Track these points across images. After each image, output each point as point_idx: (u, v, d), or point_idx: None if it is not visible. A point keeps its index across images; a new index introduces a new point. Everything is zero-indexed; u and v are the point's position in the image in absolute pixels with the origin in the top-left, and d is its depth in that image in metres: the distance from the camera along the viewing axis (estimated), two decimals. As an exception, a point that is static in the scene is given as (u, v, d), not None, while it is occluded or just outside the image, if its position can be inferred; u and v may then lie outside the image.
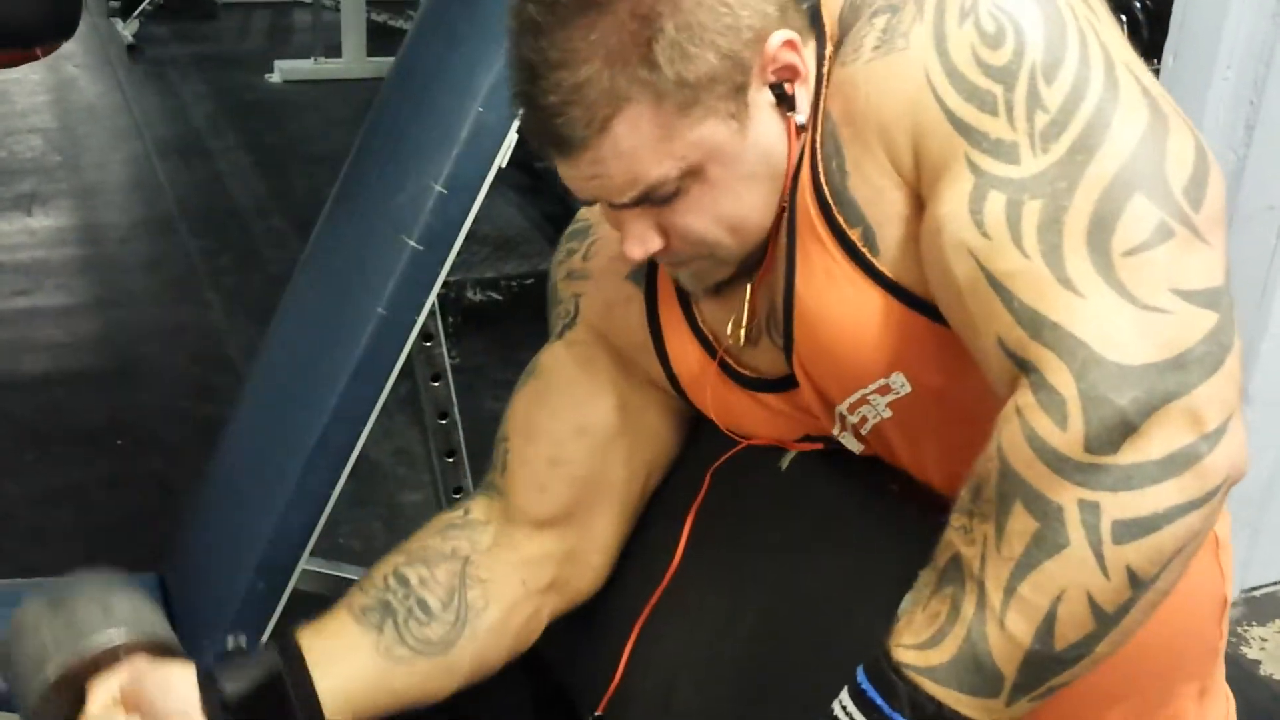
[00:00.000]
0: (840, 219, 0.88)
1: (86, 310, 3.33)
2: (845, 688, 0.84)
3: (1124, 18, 2.17)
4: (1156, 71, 1.93)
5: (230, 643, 1.01)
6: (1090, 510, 0.75)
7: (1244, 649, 2.14)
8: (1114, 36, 0.83)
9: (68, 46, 6.00)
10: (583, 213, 1.17)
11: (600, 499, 1.12)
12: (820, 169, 0.90)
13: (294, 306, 1.77)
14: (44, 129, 4.71)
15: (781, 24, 0.91)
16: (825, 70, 0.91)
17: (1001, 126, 0.80)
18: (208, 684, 0.98)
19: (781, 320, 0.96)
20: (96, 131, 4.80)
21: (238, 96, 5.19)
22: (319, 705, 1.01)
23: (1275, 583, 2.27)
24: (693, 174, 0.90)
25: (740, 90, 0.89)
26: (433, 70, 1.57)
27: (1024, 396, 0.77)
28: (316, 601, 1.84)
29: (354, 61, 5.34)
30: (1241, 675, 2.06)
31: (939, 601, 0.81)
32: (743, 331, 1.01)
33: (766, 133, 0.91)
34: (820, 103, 0.91)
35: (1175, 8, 1.92)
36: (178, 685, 0.98)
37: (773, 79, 0.91)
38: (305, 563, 1.57)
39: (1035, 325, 0.77)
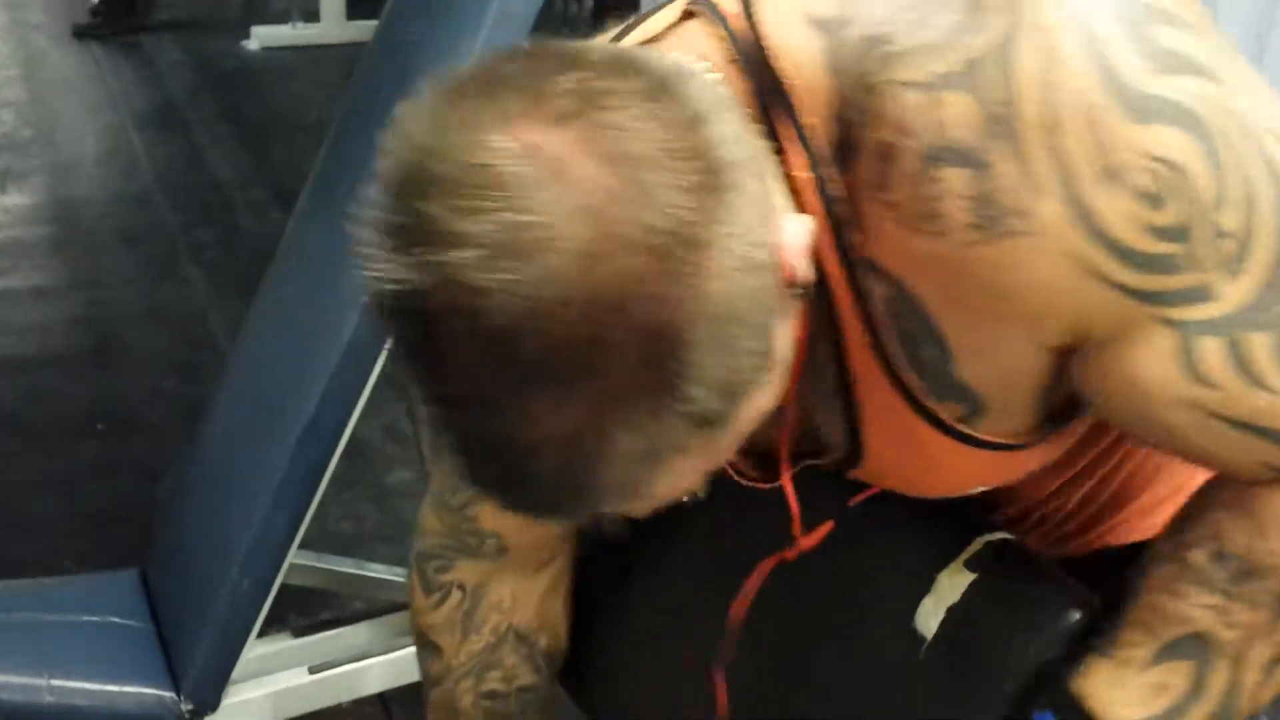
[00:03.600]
0: (927, 398, 0.79)
1: (64, 290, 3.27)
2: None
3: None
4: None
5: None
6: None
7: None
8: (1254, 103, 0.71)
9: (39, 17, 5.90)
10: None
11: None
12: (895, 346, 0.77)
13: (276, 288, 1.73)
14: (15, 103, 4.62)
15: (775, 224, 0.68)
16: (831, 192, 0.73)
17: (1189, 278, 0.70)
18: None
19: (843, 457, 0.87)
20: (70, 105, 4.72)
21: (215, 65, 5.10)
22: None
23: None
24: None
25: (770, 356, 0.69)
26: (413, 45, 1.52)
27: None
28: (306, 596, 1.82)
29: (333, 26, 5.25)
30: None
31: (1166, 672, 0.82)
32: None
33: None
34: (851, 265, 0.75)
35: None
36: None
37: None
38: (294, 556, 1.54)
39: None
